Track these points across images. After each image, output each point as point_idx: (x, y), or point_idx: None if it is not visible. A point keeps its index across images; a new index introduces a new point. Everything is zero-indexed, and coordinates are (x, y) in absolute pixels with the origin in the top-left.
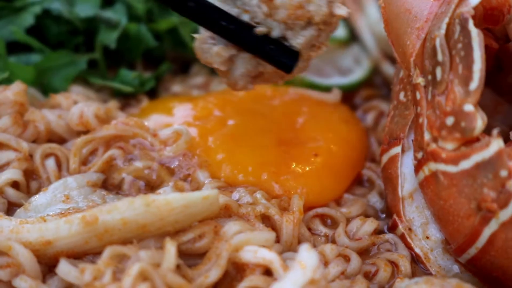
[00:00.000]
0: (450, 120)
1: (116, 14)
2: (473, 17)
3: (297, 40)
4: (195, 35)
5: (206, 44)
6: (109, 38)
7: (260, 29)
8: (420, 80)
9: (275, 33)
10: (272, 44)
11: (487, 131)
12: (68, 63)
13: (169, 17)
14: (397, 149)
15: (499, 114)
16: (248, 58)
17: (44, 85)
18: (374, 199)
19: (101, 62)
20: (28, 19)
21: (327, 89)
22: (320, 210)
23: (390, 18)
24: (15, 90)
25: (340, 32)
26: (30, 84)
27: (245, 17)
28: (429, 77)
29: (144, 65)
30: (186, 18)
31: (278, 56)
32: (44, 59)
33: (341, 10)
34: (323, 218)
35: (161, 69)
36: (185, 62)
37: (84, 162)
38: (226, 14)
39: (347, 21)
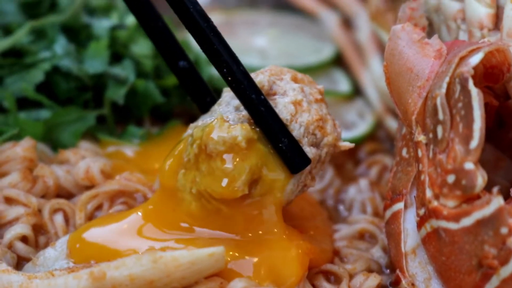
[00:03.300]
0: (451, 178)
1: (125, 70)
2: (473, 76)
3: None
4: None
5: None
6: (118, 94)
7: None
8: (421, 138)
9: (294, 134)
10: (292, 140)
11: (489, 186)
12: (77, 119)
13: None
14: (400, 205)
15: (501, 170)
16: None
17: (53, 141)
18: (378, 254)
19: (110, 118)
20: (38, 75)
21: None
22: (323, 267)
23: (392, 76)
24: (25, 146)
25: (344, 86)
26: (39, 140)
27: None
28: (431, 135)
29: (151, 120)
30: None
31: (292, 153)
32: (53, 115)
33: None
34: (326, 274)
35: (169, 126)
36: (192, 117)
37: (90, 217)
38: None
39: (351, 76)
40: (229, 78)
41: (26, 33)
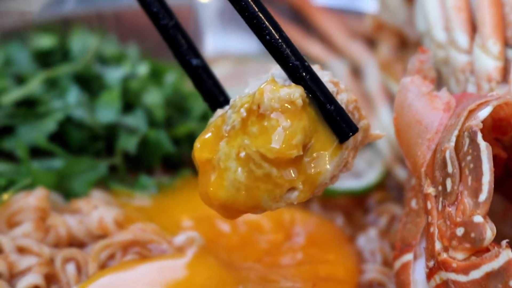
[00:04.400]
0: (460, 231)
1: (136, 120)
2: (482, 129)
3: None
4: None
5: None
6: (129, 143)
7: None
8: (431, 190)
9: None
10: (338, 108)
11: (497, 237)
12: (89, 168)
13: (187, 123)
14: (409, 256)
15: (509, 220)
16: None
17: (66, 190)
18: None
19: (121, 167)
20: (50, 125)
21: (341, 193)
22: None
23: (402, 128)
24: (38, 196)
25: None
26: (52, 189)
27: None
28: (440, 187)
29: (162, 169)
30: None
31: (341, 119)
32: (66, 164)
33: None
34: None
35: (179, 175)
36: None
37: (103, 266)
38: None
39: None
40: (272, 45)
41: (39, 83)
